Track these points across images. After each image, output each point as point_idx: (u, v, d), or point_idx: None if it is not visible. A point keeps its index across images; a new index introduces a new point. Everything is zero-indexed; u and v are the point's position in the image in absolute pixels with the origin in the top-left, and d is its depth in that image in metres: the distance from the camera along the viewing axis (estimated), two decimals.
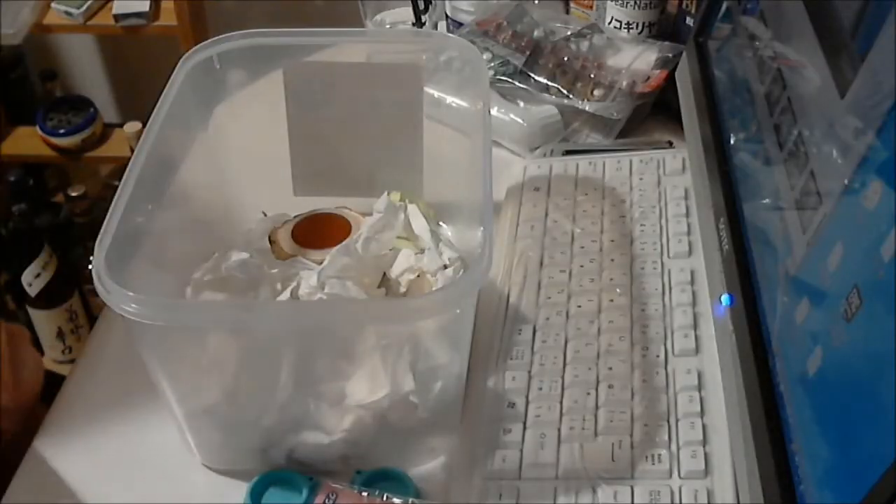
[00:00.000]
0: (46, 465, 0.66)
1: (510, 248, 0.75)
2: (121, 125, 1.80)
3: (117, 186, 0.60)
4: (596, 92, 0.86)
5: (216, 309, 0.63)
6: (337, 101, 0.75)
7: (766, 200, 0.60)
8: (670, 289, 0.69)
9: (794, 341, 0.51)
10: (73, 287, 1.67)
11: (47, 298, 1.62)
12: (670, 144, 0.85)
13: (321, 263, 0.68)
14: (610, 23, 0.94)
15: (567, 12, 1.00)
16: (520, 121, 0.86)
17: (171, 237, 0.69)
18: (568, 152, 0.84)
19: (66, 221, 1.77)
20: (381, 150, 0.77)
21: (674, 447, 0.59)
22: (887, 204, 0.43)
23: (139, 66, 1.89)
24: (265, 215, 0.76)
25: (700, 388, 0.62)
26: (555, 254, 0.74)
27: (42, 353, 1.72)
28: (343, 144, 0.77)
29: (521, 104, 0.88)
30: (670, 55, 0.89)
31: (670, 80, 0.85)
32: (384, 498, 0.58)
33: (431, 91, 0.84)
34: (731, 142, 0.69)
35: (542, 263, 0.73)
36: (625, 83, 0.87)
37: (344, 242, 0.69)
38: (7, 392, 0.69)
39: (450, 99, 0.85)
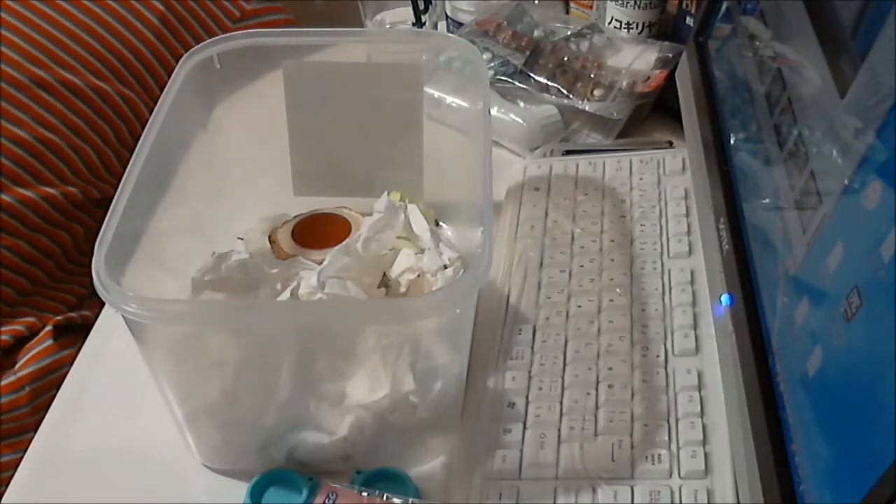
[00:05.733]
0: (46, 464, 0.66)
1: (510, 248, 0.75)
2: None
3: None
4: (596, 92, 0.86)
5: (216, 309, 0.63)
6: (337, 101, 0.75)
7: (766, 200, 0.60)
8: (670, 289, 0.69)
9: (794, 341, 0.51)
10: None
11: None
12: (670, 144, 0.85)
13: (321, 263, 0.68)
14: (610, 23, 0.94)
15: (567, 12, 1.00)
16: (520, 121, 0.86)
17: (171, 237, 0.69)
18: (568, 152, 0.84)
19: None
20: (381, 150, 0.77)
21: (674, 447, 0.59)
22: (887, 204, 0.43)
23: None
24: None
25: (700, 388, 0.62)
26: (555, 254, 0.74)
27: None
28: (343, 144, 0.77)
29: (521, 104, 0.88)
30: (670, 55, 0.89)
31: (670, 80, 0.85)
32: (384, 498, 0.58)
33: (431, 91, 0.84)
34: (731, 142, 0.69)
35: (542, 263, 0.73)
36: (625, 83, 0.87)
37: (344, 242, 0.69)
38: None
39: (450, 99, 0.85)
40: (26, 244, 0.91)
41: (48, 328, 0.89)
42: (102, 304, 0.53)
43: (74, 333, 0.91)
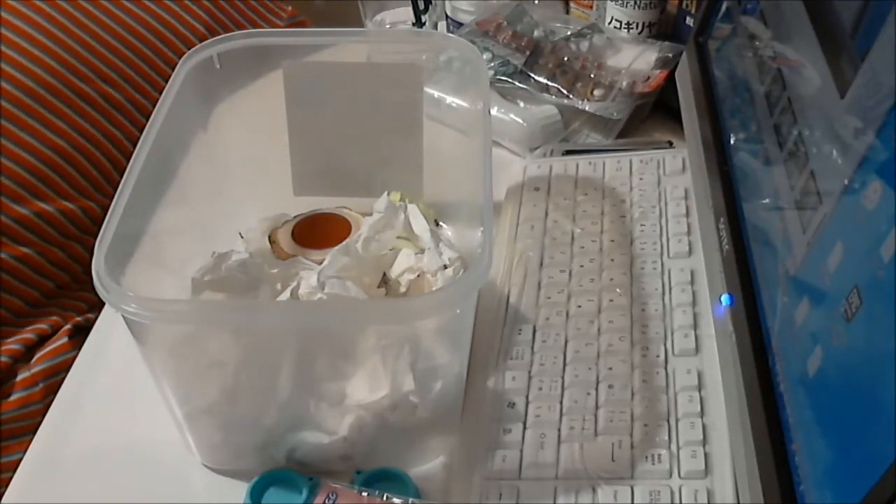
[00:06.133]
0: (46, 464, 0.66)
1: (510, 248, 0.75)
2: None
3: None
4: (596, 92, 0.86)
5: (216, 309, 0.63)
6: (337, 101, 0.75)
7: (766, 200, 0.61)
8: (670, 289, 0.69)
9: (794, 341, 0.51)
10: None
11: None
12: (670, 144, 0.85)
13: (321, 263, 0.68)
14: (610, 23, 0.94)
15: (567, 12, 1.00)
16: (520, 121, 0.86)
17: (171, 237, 0.69)
18: (568, 152, 0.84)
19: None
20: (381, 150, 0.77)
21: (674, 447, 0.59)
22: (887, 204, 0.43)
23: None
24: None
25: (700, 388, 0.62)
26: (555, 254, 0.74)
27: None
28: (343, 144, 0.77)
29: (521, 104, 0.88)
30: (670, 55, 0.89)
31: (670, 80, 0.85)
32: (384, 498, 0.58)
33: (431, 91, 0.84)
34: (731, 142, 0.69)
35: (542, 263, 0.73)
36: (625, 83, 0.87)
37: (344, 242, 0.69)
38: None
39: (450, 99, 0.85)
40: (59, 250, 0.93)
41: (67, 326, 0.90)
42: None
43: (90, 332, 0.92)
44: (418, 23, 0.98)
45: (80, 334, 0.90)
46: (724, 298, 0.61)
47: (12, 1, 0.94)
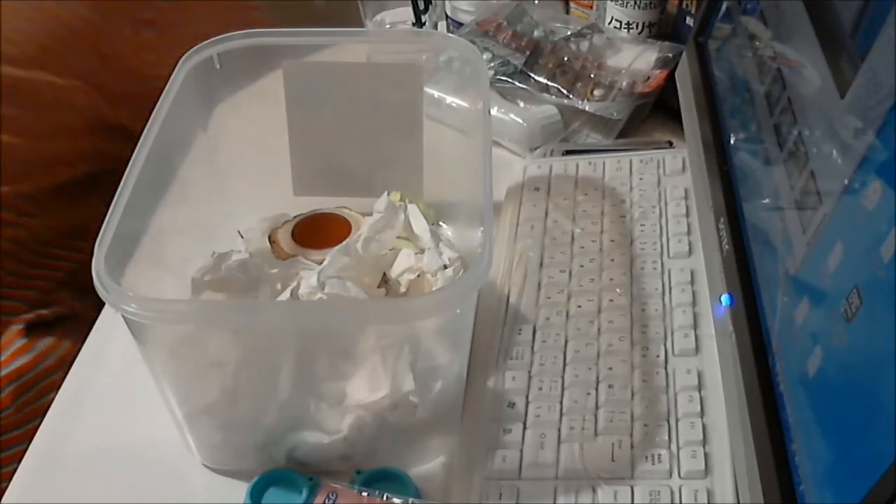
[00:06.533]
0: (46, 464, 0.66)
1: (510, 248, 0.75)
2: None
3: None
4: (596, 92, 0.86)
5: (216, 309, 0.63)
6: (337, 101, 0.75)
7: (766, 200, 0.61)
8: (670, 289, 0.69)
9: (794, 341, 0.51)
10: None
11: None
12: (670, 144, 0.85)
13: (321, 263, 0.68)
14: (610, 23, 0.94)
15: (567, 12, 1.00)
16: (520, 121, 0.86)
17: (170, 237, 0.69)
18: (568, 152, 0.84)
19: None
20: (381, 150, 0.77)
21: (674, 447, 0.59)
22: (887, 204, 0.43)
23: None
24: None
25: (700, 388, 0.62)
26: (555, 254, 0.74)
27: None
28: (343, 144, 0.77)
29: (521, 104, 0.88)
30: (670, 55, 0.89)
31: (670, 80, 0.85)
32: (384, 498, 0.58)
33: (431, 91, 0.84)
34: (731, 142, 0.69)
35: (542, 263, 0.73)
36: (625, 83, 0.87)
37: (344, 242, 0.69)
38: None
39: (450, 99, 0.85)
40: None
41: (19, 328, 0.88)
42: (72, 296, 0.53)
43: (45, 327, 0.90)
44: (418, 23, 0.98)
45: (36, 331, 0.88)
46: (724, 298, 0.61)
47: None
